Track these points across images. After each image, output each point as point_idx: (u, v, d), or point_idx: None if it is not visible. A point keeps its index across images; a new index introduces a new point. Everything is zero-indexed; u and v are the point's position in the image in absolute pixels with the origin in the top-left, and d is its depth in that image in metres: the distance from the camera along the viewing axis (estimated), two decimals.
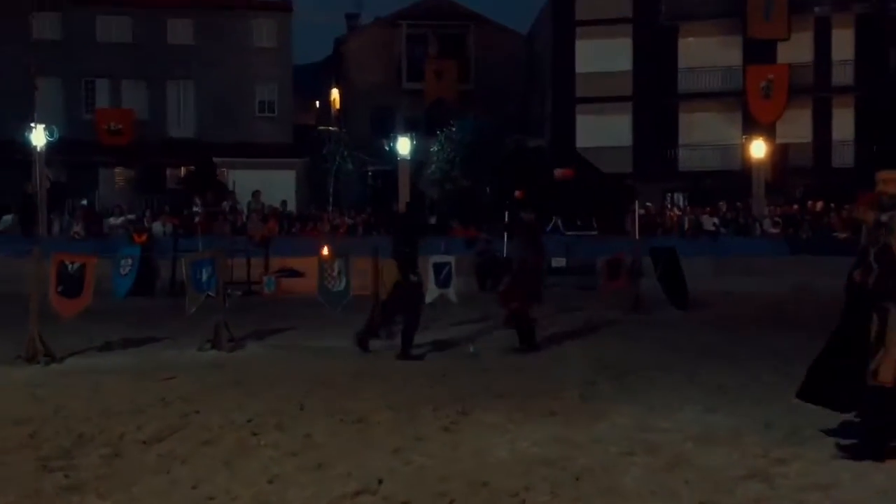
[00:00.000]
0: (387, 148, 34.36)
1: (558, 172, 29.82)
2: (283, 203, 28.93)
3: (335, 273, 13.16)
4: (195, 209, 24.86)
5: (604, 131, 36.24)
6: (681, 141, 37.02)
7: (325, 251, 14.03)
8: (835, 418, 6.90)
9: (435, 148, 34.24)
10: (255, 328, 13.54)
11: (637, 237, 19.85)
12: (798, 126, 35.55)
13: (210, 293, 11.88)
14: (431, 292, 13.82)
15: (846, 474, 5.98)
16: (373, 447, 6.70)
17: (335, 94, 41.91)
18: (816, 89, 35.93)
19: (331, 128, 38.13)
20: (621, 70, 36.87)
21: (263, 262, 21.30)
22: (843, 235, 7.97)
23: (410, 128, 34.99)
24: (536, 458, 6.38)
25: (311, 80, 44.24)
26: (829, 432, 6.74)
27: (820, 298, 14.55)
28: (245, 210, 26.98)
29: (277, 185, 32.41)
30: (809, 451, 6.50)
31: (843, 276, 6.86)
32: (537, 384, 9.21)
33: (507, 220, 16.04)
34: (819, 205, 28.25)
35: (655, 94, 36.19)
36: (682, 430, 7.12)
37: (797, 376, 7.88)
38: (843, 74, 35.87)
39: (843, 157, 35.74)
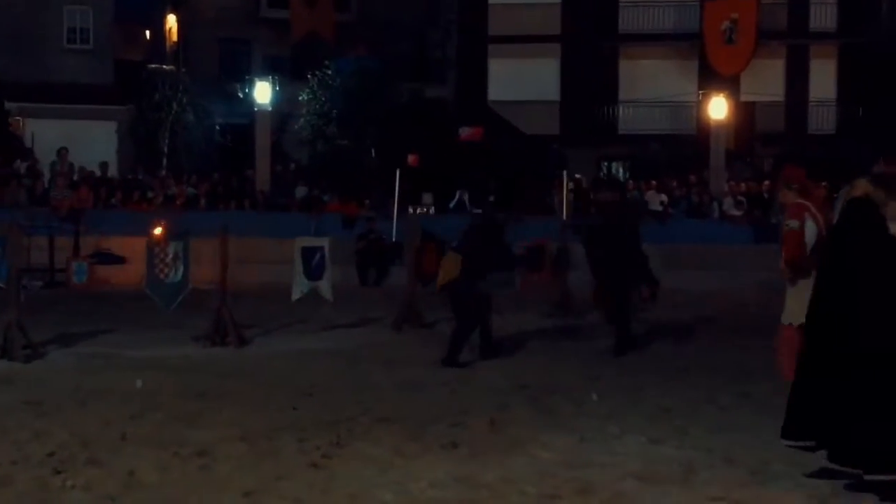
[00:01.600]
0: (240, 95, 33.97)
1: (465, 132, 29.97)
2: (102, 165, 28.39)
3: (169, 259, 13.01)
4: None
5: (524, 81, 36.55)
6: (621, 96, 37.61)
7: (157, 230, 13.80)
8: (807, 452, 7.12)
9: (304, 96, 34.02)
10: (60, 331, 13.33)
11: (565, 218, 20.14)
12: (768, 80, 36.47)
13: None
14: (300, 286, 13.80)
15: None
16: (218, 489, 6.63)
17: (171, 21, 41.18)
18: (791, 34, 36.94)
19: (165, 66, 37.47)
20: (547, 2, 37.23)
21: (72, 243, 20.93)
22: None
23: (272, 69, 34.66)
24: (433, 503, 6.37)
25: (140, 2, 43.34)
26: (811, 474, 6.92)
27: None
28: (47, 173, 26.37)
29: (92, 141, 31.80)
30: (778, 491, 6.68)
31: None
32: (435, 407, 9.24)
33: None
34: None
35: (590, 34, 36.64)
36: (621, 466, 7.23)
37: (761, 398, 8.11)
38: (823, 17, 36.93)
39: (822, 120, 36.88)
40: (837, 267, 6.85)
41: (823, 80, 37.08)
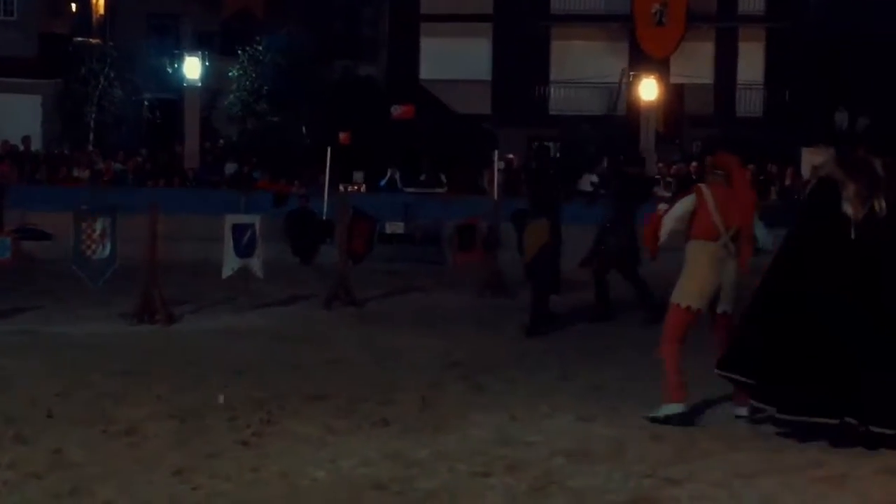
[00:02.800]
0: (169, 70, 33.60)
1: (396, 110, 29.96)
2: (25, 139, 27.98)
3: (96, 235, 12.85)
4: None
5: (455, 60, 36.52)
6: (552, 76, 37.75)
7: (84, 206, 13.65)
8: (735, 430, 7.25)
9: (234, 72, 33.75)
10: None
11: (496, 197, 20.12)
12: (697, 63, 36.85)
13: None
14: (230, 263, 13.69)
15: (751, 498, 6.26)
16: (147, 467, 6.59)
17: None
18: (720, 17, 37.31)
19: (92, 40, 36.95)
20: None
21: None
22: None
23: (201, 44, 34.34)
24: (364, 481, 6.40)
25: None
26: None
27: None
28: None
29: (16, 115, 31.34)
30: (706, 469, 6.77)
31: None
32: (366, 385, 9.23)
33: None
34: None
35: (523, 14, 36.71)
36: (551, 444, 7.29)
37: (689, 376, 8.20)
38: (752, 1, 37.33)
39: (750, 103, 37.31)
40: (794, 243, 7.42)
41: (752, 63, 37.54)
